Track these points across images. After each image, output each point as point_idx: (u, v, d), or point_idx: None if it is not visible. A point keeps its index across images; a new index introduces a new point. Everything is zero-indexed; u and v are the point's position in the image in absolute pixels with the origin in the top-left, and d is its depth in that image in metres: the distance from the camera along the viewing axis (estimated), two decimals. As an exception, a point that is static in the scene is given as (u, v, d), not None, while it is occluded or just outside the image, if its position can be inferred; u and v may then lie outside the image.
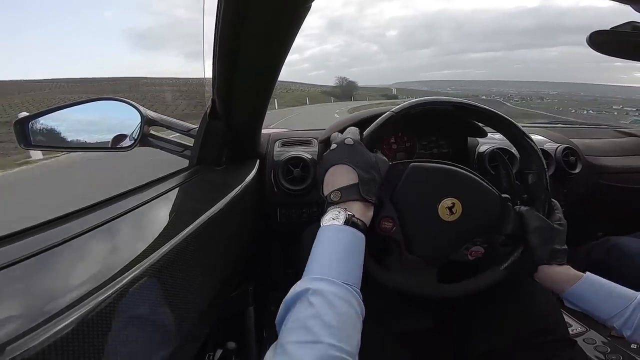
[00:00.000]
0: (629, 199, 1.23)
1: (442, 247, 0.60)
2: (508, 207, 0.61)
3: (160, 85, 37.49)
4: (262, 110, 0.79)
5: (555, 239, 0.59)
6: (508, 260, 0.61)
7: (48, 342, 0.24)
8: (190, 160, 0.78)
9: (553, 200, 0.64)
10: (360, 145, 0.56)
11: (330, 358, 0.34)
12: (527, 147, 0.63)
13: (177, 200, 0.60)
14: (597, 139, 1.30)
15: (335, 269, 0.43)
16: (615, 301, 0.52)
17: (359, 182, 0.52)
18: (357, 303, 0.42)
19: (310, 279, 0.42)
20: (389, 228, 0.58)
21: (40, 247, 0.34)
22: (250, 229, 0.87)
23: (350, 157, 0.54)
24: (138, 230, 0.47)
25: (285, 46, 0.56)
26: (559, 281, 0.56)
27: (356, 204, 0.51)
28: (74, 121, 0.72)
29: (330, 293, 0.40)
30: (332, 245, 0.46)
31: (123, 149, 0.72)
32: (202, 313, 0.51)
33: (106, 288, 0.30)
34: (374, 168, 0.54)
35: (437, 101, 0.61)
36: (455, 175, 0.60)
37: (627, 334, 0.50)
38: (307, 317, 0.37)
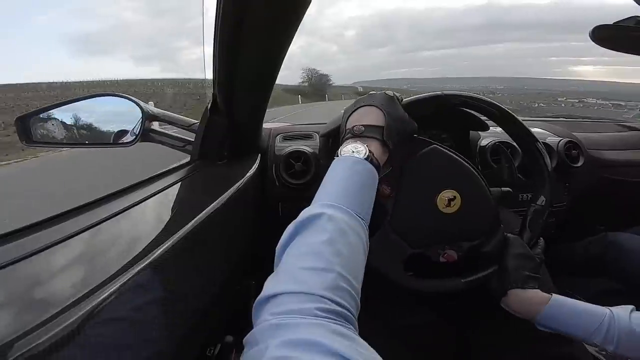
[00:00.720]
0: (631, 192, 1.22)
1: (424, 235, 0.60)
2: (500, 231, 0.62)
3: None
4: (263, 105, 0.78)
5: (532, 267, 0.60)
6: (473, 276, 0.61)
7: (50, 341, 0.24)
8: (191, 155, 0.78)
9: (540, 238, 0.65)
10: (398, 100, 0.56)
11: (336, 288, 0.32)
12: (543, 176, 0.64)
13: (179, 195, 0.60)
14: (599, 133, 1.30)
15: (349, 199, 0.42)
16: (588, 319, 0.52)
17: (385, 126, 0.52)
18: (365, 237, 0.41)
19: (324, 205, 0.41)
20: (385, 194, 0.59)
21: (40, 245, 0.34)
22: (252, 224, 0.87)
23: (386, 104, 0.54)
24: (140, 226, 0.47)
25: (287, 39, 0.55)
26: (531, 304, 0.56)
27: (375, 142, 0.50)
28: (76, 117, 0.72)
29: (343, 222, 0.39)
30: (348, 176, 0.45)
31: (125, 145, 0.72)
32: (205, 308, 0.51)
33: (109, 284, 0.31)
34: (403, 123, 0.55)
35: (484, 100, 0.62)
36: (467, 172, 0.60)
37: (610, 349, 0.50)
38: (319, 243, 0.36)
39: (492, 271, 0.61)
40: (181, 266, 0.44)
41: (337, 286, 0.33)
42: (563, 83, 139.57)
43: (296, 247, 0.37)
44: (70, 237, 0.37)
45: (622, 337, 0.49)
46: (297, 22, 0.52)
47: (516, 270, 0.58)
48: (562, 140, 1.07)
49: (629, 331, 0.49)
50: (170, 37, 67.61)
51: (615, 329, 0.49)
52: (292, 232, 0.39)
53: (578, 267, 1.05)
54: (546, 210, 0.63)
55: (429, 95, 0.60)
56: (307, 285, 0.32)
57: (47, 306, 0.27)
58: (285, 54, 0.60)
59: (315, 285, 0.32)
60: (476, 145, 0.99)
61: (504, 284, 0.59)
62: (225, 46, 0.57)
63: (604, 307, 0.52)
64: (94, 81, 42.45)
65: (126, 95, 0.72)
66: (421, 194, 0.59)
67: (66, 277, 0.33)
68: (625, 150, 1.23)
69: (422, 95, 0.60)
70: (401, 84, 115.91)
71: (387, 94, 0.56)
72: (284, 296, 0.32)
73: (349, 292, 0.33)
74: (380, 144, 0.51)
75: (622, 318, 0.50)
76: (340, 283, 0.33)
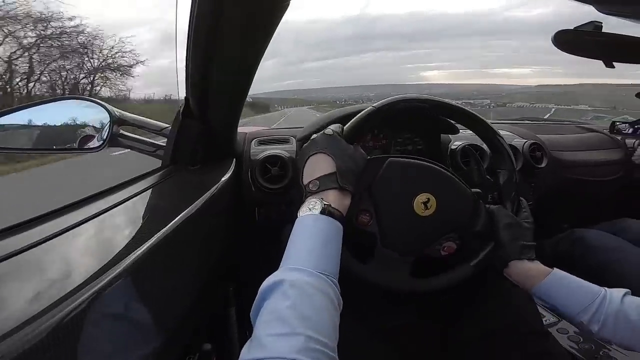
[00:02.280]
0: (592, 191, 1.30)
1: (416, 241, 0.62)
2: (480, 204, 0.63)
3: None
4: (238, 108, 0.78)
5: (525, 235, 0.61)
6: (478, 257, 0.62)
7: (18, 351, 0.23)
8: (163, 160, 0.76)
9: (521, 199, 0.67)
10: (339, 136, 0.56)
11: (308, 350, 0.33)
12: (499, 147, 0.65)
13: (151, 201, 0.58)
14: (560, 135, 1.37)
15: (312, 259, 0.43)
16: (582, 296, 0.52)
17: (336, 171, 0.52)
18: (334, 294, 0.41)
19: (286, 270, 0.42)
20: (366, 222, 0.59)
21: (9, 251, 0.33)
22: (229, 230, 0.86)
23: (329, 147, 0.54)
24: (110, 233, 0.45)
25: (264, 41, 0.55)
26: (529, 276, 0.58)
27: (333, 192, 0.51)
28: (39, 121, 0.69)
29: (306, 284, 0.39)
30: (308, 235, 0.46)
31: (91, 150, 0.69)
32: (182, 315, 0.50)
33: (79, 293, 0.29)
34: (352, 159, 0.55)
35: (415, 98, 0.63)
36: (431, 172, 0.61)
37: (594, 329, 0.50)
38: (283, 309, 0.36)
39: (492, 247, 0.62)
40: (155, 274, 0.42)
41: (307, 348, 0.33)
42: (417, 87, 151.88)
43: (264, 314, 0.37)
44: (37, 245, 0.36)
45: (608, 318, 0.49)
46: (273, 26, 0.51)
47: (510, 242, 0.59)
48: (526, 142, 1.12)
49: (617, 313, 0.49)
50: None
51: (604, 309, 0.50)
52: (259, 299, 0.40)
53: (547, 263, 1.09)
54: (514, 173, 0.65)
55: (363, 114, 0.60)
56: (275, 351, 0.33)
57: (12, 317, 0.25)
58: (261, 57, 0.60)
59: (284, 350, 0.33)
60: (447, 148, 1.02)
61: (503, 257, 0.59)
62: (199, 48, 0.57)
63: (601, 287, 0.52)
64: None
65: (93, 98, 0.70)
66: (398, 207, 0.59)
67: (32, 286, 0.31)
68: (585, 151, 1.31)
69: (358, 118, 0.60)
70: (289, 94, 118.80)
71: (327, 134, 0.56)
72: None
73: (322, 351, 0.34)
74: (338, 190, 0.51)
75: (613, 300, 0.50)
76: (311, 344, 0.34)
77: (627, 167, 1.31)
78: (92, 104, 0.70)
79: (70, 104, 0.72)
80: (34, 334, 0.25)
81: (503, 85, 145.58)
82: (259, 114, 35.88)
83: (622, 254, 0.90)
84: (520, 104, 39.46)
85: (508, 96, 61.31)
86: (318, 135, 0.56)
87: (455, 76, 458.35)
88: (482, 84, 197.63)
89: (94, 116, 0.70)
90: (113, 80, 12.16)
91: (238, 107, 0.77)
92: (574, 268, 1.05)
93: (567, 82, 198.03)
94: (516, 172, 0.65)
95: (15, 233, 0.38)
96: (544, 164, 1.12)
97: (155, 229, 0.43)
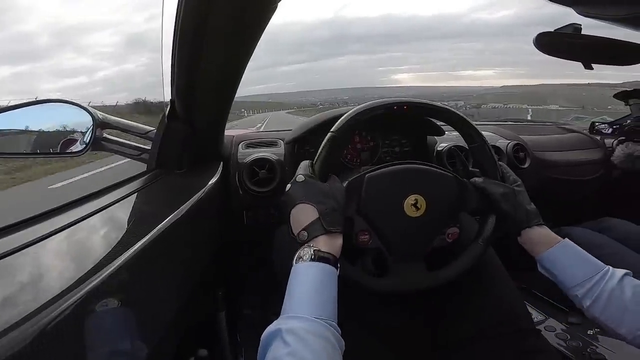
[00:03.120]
0: (574, 190, 1.33)
1: (420, 241, 0.62)
2: (464, 183, 0.63)
3: None
4: (224, 111, 0.77)
5: (523, 200, 0.61)
6: (483, 232, 0.63)
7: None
8: (148, 164, 0.74)
9: (502, 163, 0.67)
10: (311, 178, 0.56)
11: None
12: (463, 125, 0.66)
13: (136, 205, 0.57)
14: (542, 135, 1.40)
15: (307, 305, 0.44)
16: (584, 269, 0.52)
17: (320, 217, 0.52)
18: (332, 336, 0.43)
19: (284, 318, 0.43)
20: (366, 241, 0.60)
21: None
22: (216, 233, 0.85)
23: (306, 194, 0.54)
24: (94, 238, 0.45)
25: (251, 44, 0.55)
26: (538, 243, 0.58)
27: (322, 238, 0.52)
28: (18, 125, 0.67)
29: (302, 330, 0.41)
30: (301, 283, 0.47)
31: (73, 154, 0.68)
32: (170, 321, 0.49)
33: (62, 300, 0.28)
34: (331, 197, 0.55)
35: (364, 109, 0.63)
36: (409, 172, 0.62)
37: (586, 304, 0.50)
38: (282, 356, 0.38)
39: (494, 219, 0.63)
40: (142, 279, 0.42)
41: None
42: (390, 90, 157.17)
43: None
44: (18, 250, 0.35)
45: (602, 295, 0.49)
46: (261, 27, 0.51)
47: (515, 210, 0.60)
48: (510, 143, 1.15)
49: (612, 291, 0.49)
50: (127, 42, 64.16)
51: (600, 286, 0.50)
52: (262, 348, 0.42)
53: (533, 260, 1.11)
54: (485, 142, 0.65)
55: (324, 143, 0.60)
56: None
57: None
58: (249, 59, 0.59)
59: None
60: (433, 149, 1.04)
61: (514, 227, 0.60)
62: (186, 51, 0.56)
63: (608, 265, 0.52)
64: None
65: (74, 101, 0.68)
66: (391, 217, 0.60)
67: (15, 292, 0.30)
68: (566, 151, 1.34)
69: (321, 150, 0.60)
70: (264, 98, 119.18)
71: (298, 182, 0.56)
72: None
73: None
74: (326, 235, 0.52)
75: (613, 278, 0.50)
76: None
77: (607, 166, 1.34)
78: (74, 106, 0.68)
79: (52, 106, 0.69)
80: (17, 340, 0.24)
81: (470, 86, 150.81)
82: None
83: (609, 250, 0.92)
84: (494, 104, 40.26)
85: (478, 97, 63.06)
86: (292, 184, 0.56)
87: (424, 78, 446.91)
88: (450, 86, 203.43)
89: (76, 119, 0.68)
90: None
91: (225, 110, 0.77)
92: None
93: (529, 83, 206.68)
94: (487, 142, 0.65)
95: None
96: (527, 164, 1.15)
97: (141, 233, 0.43)
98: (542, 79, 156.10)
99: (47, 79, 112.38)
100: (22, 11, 25.42)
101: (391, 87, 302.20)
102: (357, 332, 0.49)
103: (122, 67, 36.02)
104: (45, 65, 27.74)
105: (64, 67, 32.76)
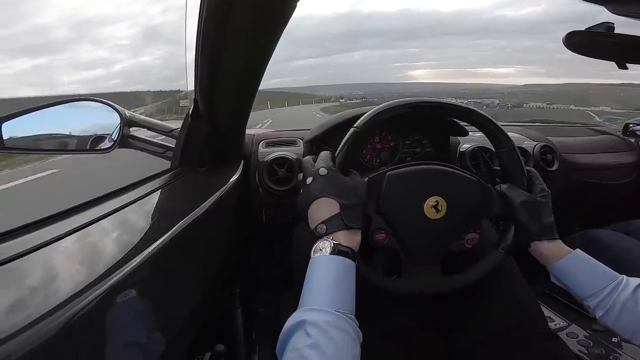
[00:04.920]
0: (603, 194, 1.27)
1: (437, 244, 0.61)
2: (489, 189, 0.61)
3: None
4: (246, 110, 0.78)
5: (542, 212, 0.59)
6: (504, 240, 0.61)
7: (23, 352, 0.23)
8: (172, 161, 0.76)
9: (532, 170, 0.64)
10: (334, 171, 0.55)
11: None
12: (491, 129, 0.64)
13: (159, 202, 0.59)
14: (572, 137, 1.34)
15: (327, 298, 0.45)
16: (597, 280, 0.52)
17: (341, 212, 0.52)
18: (352, 329, 0.43)
19: (305, 310, 0.44)
20: (382, 239, 0.59)
21: (13, 254, 0.33)
22: (236, 231, 0.86)
23: (328, 188, 0.54)
24: (119, 234, 0.46)
25: (271, 43, 0.55)
26: (548, 255, 0.57)
27: (341, 233, 0.51)
28: (51, 123, 0.70)
29: (324, 323, 0.41)
30: (321, 276, 0.48)
31: (102, 151, 0.70)
32: (188, 316, 0.50)
33: (87, 293, 0.29)
34: (353, 192, 0.54)
35: (390, 107, 0.61)
36: (432, 173, 0.60)
37: (599, 314, 0.50)
38: (305, 347, 0.39)
39: (514, 227, 0.61)
40: (163, 274, 0.43)
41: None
42: (406, 86, 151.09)
43: (288, 351, 0.40)
44: (46, 245, 0.36)
45: (616, 305, 0.48)
46: (281, 27, 0.51)
47: (529, 221, 0.58)
48: (537, 144, 1.11)
49: (625, 301, 0.48)
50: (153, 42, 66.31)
51: (614, 296, 0.49)
52: (283, 339, 0.42)
53: None
54: (513, 150, 0.62)
55: (347, 137, 0.59)
56: None
57: (21, 315, 0.25)
58: (269, 58, 0.60)
59: None
60: (456, 150, 1.01)
61: (524, 239, 0.59)
62: (208, 51, 0.57)
63: (622, 275, 0.52)
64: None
65: (104, 100, 0.71)
66: (410, 218, 0.59)
67: (42, 285, 0.32)
68: (597, 154, 1.28)
69: (344, 144, 0.59)
70: (276, 93, 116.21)
71: (322, 175, 0.55)
72: None
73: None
74: (346, 230, 0.52)
75: (626, 288, 0.49)
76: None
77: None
78: (103, 105, 0.71)
79: (82, 105, 0.72)
80: (46, 330, 0.25)
81: (491, 84, 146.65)
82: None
83: (637, 253, 0.89)
84: (539, 104, 38.17)
85: (511, 95, 60.67)
86: (313, 177, 0.55)
87: (441, 75, 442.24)
88: (471, 83, 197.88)
89: (105, 117, 0.70)
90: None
91: (246, 109, 0.77)
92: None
93: (551, 82, 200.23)
94: (515, 147, 0.63)
95: (18, 235, 0.38)
96: (555, 166, 1.11)
97: (163, 230, 0.44)
98: (566, 77, 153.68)
99: (66, 71, 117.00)
100: (40, 2, 26.35)
101: (407, 82, 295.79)
102: (368, 333, 0.48)
103: (140, 59, 36.89)
104: (64, 58, 28.47)
105: (82, 60, 33.60)
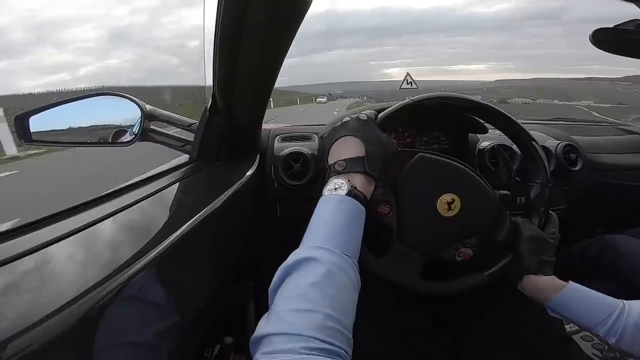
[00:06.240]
0: (629, 196, 1.22)
1: (434, 242, 0.60)
2: (505, 214, 0.61)
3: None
4: (262, 105, 0.78)
5: (546, 250, 0.59)
6: (493, 267, 0.61)
7: (44, 339, 0.24)
8: (190, 155, 0.78)
9: (552, 214, 0.64)
10: (373, 122, 0.55)
11: (325, 328, 0.34)
12: (534, 155, 0.63)
13: (177, 195, 0.60)
14: (597, 136, 1.30)
15: (336, 239, 0.43)
16: (599, 309, 0.52)
17: (365, 156, 0.51)
18: (354, 275, 0.42)
19: (311, 248, 0.42)
20: (385, 213, 0.58)
21: (35, 245, 0.34)
22: (251, 224, 0.87)
23: (362, 131, 0.53)
24: (137, 225, 0.47)
25: (287, 40, 0.55)
26: (543, 290, 0.56)
27: (359, 176, 0.50)
28: (74, 116, 0.72)
29: (330, 263, 0.39)
30: (333, 215, 0.46)
31: (123, 144, 0.72)
32: (202, 308, 0.51)
33: (105, 284, 0.30)
34: (383, 146, 0.54)
35: (456, 97, 0.61)
36: (460, 172, 0.60)
37: (612, 341, 0.50)
38: (306, 285, 0.37)
39: (510, 259, 0.60)
40: (178, 266, 0.44)
41: (324, 326, 0.34)
42: (382, 84, 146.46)
43: (285, 289, 0.38)
44: (66, 237, 0.37)
45: (627, 330, 0.48)
46: (298, 22, 0.52)
47: (530, 254, 0.58)
48: (560, 143, 1.07)
49: (636, 326, 0.48)
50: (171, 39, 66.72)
51: (622, 321, 0.49)
52: (281, 275, 0.40)
53: (575, 269, 1.05)
54: (547, 187, 0.62)
55: (400, 105, 0.59)
56: (294, 326, 0.33)
57: (41, 306, 0.26)
58: (286, 54, 0.60)
59: (301, 326, 0.33)
60: (475, 147, 0.99)
61: (519, 270, 0.58)
62: (226, 46, 0.57)
63: (619, 299, 0.52)
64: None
65: (125, 94, 0.72)
66: (420, 204, 0.58)
67: (61, 277, 0.33)
68: (623, 154, 1.24)
69: (394, 107, 0.59)
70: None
71: (361, 119, 0.55)
72: (272, 337, 0.33)
73: (339, 330, 0.34)
74: (364, 175, 0.51)
75: (633, 311, 0.49)
76: (328, 323, 0.34)
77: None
78: (124, 99, 0.72)
79: (104, 99, 0.74)
80: (65, 322, 0.26)
81: (463, 81, 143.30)
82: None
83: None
84: (524, 100, 36.69)
85: (490, 91, 59.27)
86: (351, 118, 0.55)
87: (416, 73, 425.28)
88: (441, 80, 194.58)
89: (126, 111, 0.72)
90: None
91: (262, 104, 0.78)
92: (603, 274, 1.01)
93: (521, 77, 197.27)
94: (549, 186, 0.62)
95: (38, 228, 0.39)
96: (579, 166, 1.07)
97: (180, 223, 0.45)
98: (534, 73, 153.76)
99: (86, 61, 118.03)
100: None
101: (385, 81, 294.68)
102: (376, 330, 0.48)
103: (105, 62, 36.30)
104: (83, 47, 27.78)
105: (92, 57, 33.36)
